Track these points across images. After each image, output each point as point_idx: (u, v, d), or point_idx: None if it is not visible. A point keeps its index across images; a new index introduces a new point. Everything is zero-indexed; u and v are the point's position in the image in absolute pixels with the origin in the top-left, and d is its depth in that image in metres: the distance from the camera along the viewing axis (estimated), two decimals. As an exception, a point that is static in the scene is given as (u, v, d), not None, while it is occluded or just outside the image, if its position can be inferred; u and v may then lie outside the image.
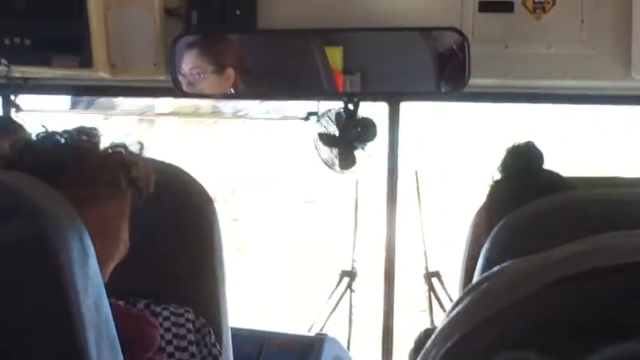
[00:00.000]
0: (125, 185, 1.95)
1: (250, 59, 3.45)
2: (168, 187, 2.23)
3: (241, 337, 2.99)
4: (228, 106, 4.32)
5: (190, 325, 2.31)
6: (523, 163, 2.38)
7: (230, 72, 3.35)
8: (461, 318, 0.82)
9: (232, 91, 3.45)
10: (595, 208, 1.69)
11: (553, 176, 2.32)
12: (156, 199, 2.07)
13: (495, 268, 0.86)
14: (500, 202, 2.33)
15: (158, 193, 2.06)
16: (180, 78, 3.30)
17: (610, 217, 1.25)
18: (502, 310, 0.78)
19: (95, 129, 2.00)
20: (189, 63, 3.35)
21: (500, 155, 2.42)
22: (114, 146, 1.99)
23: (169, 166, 2.38)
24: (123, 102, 3.92)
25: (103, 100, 3.92)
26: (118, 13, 3.35)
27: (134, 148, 2.02)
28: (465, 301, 0.82)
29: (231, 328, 2.55)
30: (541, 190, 2.16)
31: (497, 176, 2.37)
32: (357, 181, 3.79)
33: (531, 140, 2.47)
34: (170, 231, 2.35)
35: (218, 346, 2.39)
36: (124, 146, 2.00)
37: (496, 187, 2.36)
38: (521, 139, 2.46)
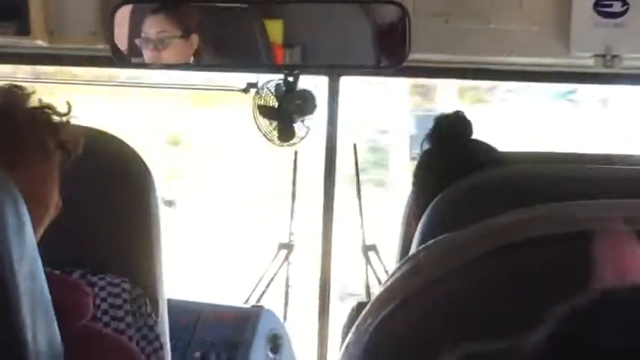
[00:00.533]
0: (53, 147, 1.93)
1: (196, 15, 3.44)
2: (102, 154, 2.23)
3: (177, 308, 2.99)
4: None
5: (127, 295, 2.28)
6: (451, 131, 2.39)
7: (194, 38, 3.34)
8: (396, 288, 0.84)
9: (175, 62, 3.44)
10: (530, 183, 1.70)
11: (482, 146, 2.35)
12: (90, 166, 2.06)
13: (430, 242, 0.87)
14: (429, 171, 2.37)
15: (92, 160, 2.04)
16: (137, 43, 3.27)
17: (545, 193, 1.25)
18: (434, 280, 0.80)
19: (22, 88, 1.99)
20: (155, 26, 3.33)
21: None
22: (41, 107, 1.97)
23: (102, 132, 2.36)
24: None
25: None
26: None
27: (61, 109, 1.99)
28: (400, 272, 0.83)
29: (168, 300, 2.52)
30: (469, 160, 2.22)
31: (426, 146, 2.39)
32: (296, 154, 3.77)
33: (460, 110, 2.49)
34: (106, 199, 2.33)
35: (154, 317, 2.36)
36: (51, 107, 1.98)
37: (424, 156, 2.38)
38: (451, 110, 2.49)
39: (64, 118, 1.97)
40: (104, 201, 2.31)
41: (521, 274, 0.79)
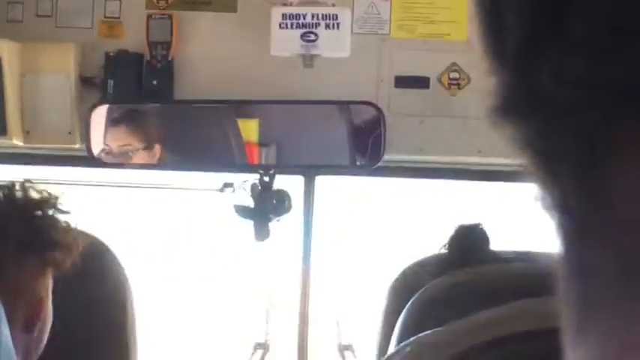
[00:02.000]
0: (47, 248, 1.92)
1: (171, 130, 3.44)
2: (83, 255, 2.12)
3: None
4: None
5: None
6: (468, 243, 2.41)
7: (157, 148, 3.34)
8: None
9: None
10: (510, 281, 1.66)
11: (500, 257, 2.36)
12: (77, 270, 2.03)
13: (412, 339, 0.86)
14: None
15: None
16: (102, 150, 3.27)
17: (525, 291, 1.25)
18: None
19: (27, 188, 1.98)
20: (118, 139, 3.33)
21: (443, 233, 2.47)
22: (40, 210, 1.95)
23: (84, 233, 2.27)
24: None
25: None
26: (33, 80, 3.32)
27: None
28: None
29: None
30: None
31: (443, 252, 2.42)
32: (272, 253, 3.66)
33: (480, 223, 2.52)
34: (82, 300, 2.29)
35: None
36: (52, 205, 1.97)
37: (440, 263, 2.37)
38: (469, 220, 2.52)
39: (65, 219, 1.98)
40: (78, 299, 2.25)
41: None
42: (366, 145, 3.24)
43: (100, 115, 3.26)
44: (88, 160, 3.27)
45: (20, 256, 1.88)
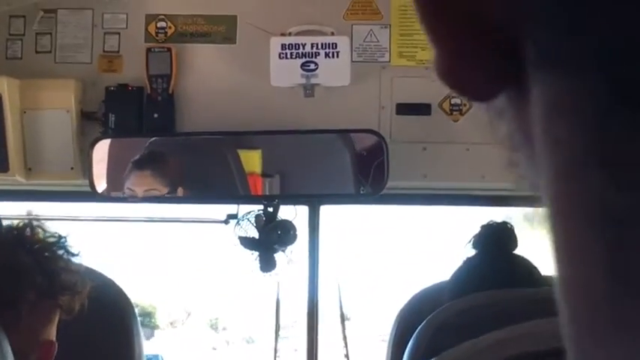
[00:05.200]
0: (58, 292, 1.93)
1: (179, 166, 3.48)
2: (90, 293, 2.15)
3: None
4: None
5: None
6: (497, 242, 2.41)
7: (180, 191, 3.39)
8: None
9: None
10: (521, 305, 1.69)
11: (525, 263, 2.35)
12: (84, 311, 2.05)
13: None
14: (467, 276, 2.38)
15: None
16: (126, 192, 3.28)
17: (536, 315, 1.25)
18: None
19: (35, 227, 1.99)
20: (142, 184, 3.35)
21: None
22: (47, 247, 1.95)
23: (91, 270, 2.32)
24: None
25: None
26: (34, 117, 3.34)
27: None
28: None
29: None
30: (511, 275, 2.26)
31: (470, 252, 2.40)
32: (278, 284, 3.73)
33: (508, 222, 2.52)
34: (90, 337, 2.32)
35: None
36: (62, 246, 1.98)
37: (468, 262, 2.39)
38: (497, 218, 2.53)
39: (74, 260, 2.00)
40: (85, 336, 2.27)
41: None
42: (369, 173, 3.24)
43: (102, 150, 3.27)
44: (91, 195, 3.27)
45: (36, 303, 1.89)
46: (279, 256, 3.35)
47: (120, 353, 2.43)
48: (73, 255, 2.01)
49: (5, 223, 2.05)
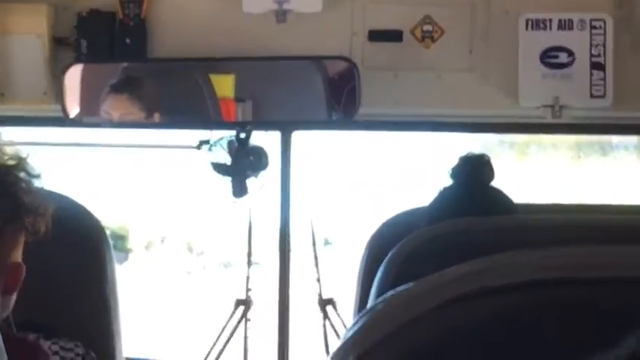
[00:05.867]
0: (12, 216, 1.90)
1: (155, 91, 3.48)
2: (59, 217, 2.11)
3: None
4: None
5: (80, 357, 2.23)
6: (475, 174, 2.41)
7: (157, 116, 3.40)
8: (354, 341, 0.84)
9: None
10: (489, 235, 1.74)
11: (501, 195, 2.37)
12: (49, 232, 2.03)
13: (389, 292, 0.87)
14: (443, 206, 2.38)
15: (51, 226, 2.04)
16: (102, 116, 3.31)
17: (505, 244, 1.27)
18: (394, 331, 0.80)
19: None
20: (119, 108, 3.37)
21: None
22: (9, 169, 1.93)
23: (59, 195, 2.31)
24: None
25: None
26: (6, 42, 3.36)
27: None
28: (358, 325, 0.84)
29: (126, 358, 2.51)
30: (488, 207, 2.26)
31: (447, 182, 2.40)
32: (250, 210, 3.76)
33: (485, 154, 2.50)
34: (61, 261, 2.29)
35: None
36: (22, 168, 1.94)
37: (444, 192, 2.39)
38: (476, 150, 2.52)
39: (35, 181, 1.96)
40: (59, 263, 2.29)
41: (475, 326, 0.80)
42: (341, 100, 3.28)
43: (75, 75, 3.29)
44: (64, 120, 3.30)
45: (1, 228, 1.87)
46: (251, 182, 3.38)
47: (91, 275, 2.39)
48: (35, 177, 1.97)
49: None
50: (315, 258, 3.77)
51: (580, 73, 3.18)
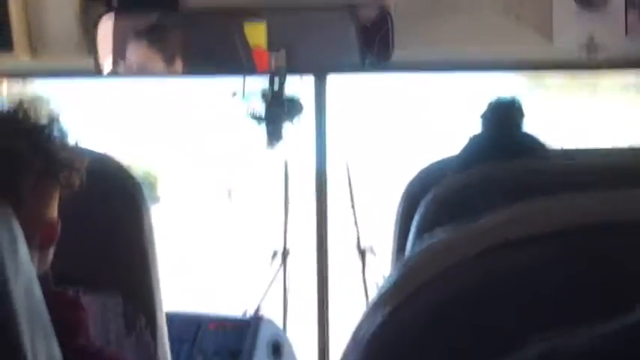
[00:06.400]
0: (49, 172, 1.95)
1: (179, 40, 3.47)
2: (94, 171, 2.18)
3: (176, 320, 3.11)
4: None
5: (120, 310, 2.36)
6: (505, 119, 2.42)
7: (178, 62, 3.38)
8: (390, 292, 0.84)
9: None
10: (525, 178, 1.75)
11: (532, 140, 2.38)
12: (84, 186, 2.09)
13: (424, 242, 0.87)
14: (473, 154, 2.40)
15: (86, 180, 2.08)
16: (122, 64, 3.32)
17: (540, 188, 1.27)
18: (429, 280, 0.81)
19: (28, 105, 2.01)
20: (138, 54, 3.36)
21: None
22: (42, 126, 1.98)
23: (95, 152, 2.36)
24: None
25: None
26: None
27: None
28: (394, 276, 0.85)
29: (166, 312, 2.58)
30: (517, 153, 2.28)
31: (478, 129, 2.42)
32: (286, 162, 3.87)
33: (516, 97, 2.51)
34: (98, 215, 2.38)
35: (150, 332, 2.43)
36: (57, 125, 2.00)
37: (474, 139, 2.41)
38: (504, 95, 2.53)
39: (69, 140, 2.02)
40: (96, 217, 2.35)
41: (511, 275, 0.80)
42: (374, 44, 3.27)
43: (106, 28, 3.28)
44: (97, 72, 3.30)
45: (37, 184, 1.91)
46: (286, 130, 3.40)
47: (128, 227, 2.46)
48: (67, 134, 2.02)
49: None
50: (352, 203, 3.79)
51: (615, 11, 3.16)
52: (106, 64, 3.30)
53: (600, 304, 0.63)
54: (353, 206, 3.99)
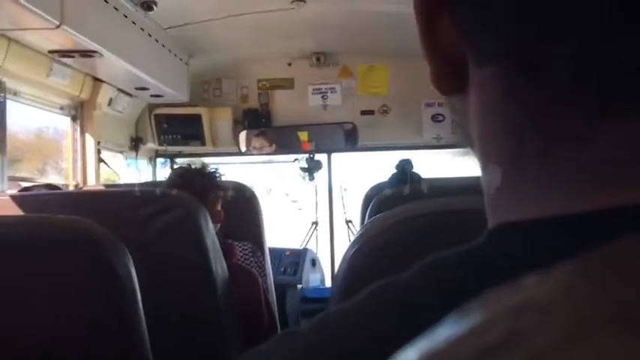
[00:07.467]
0: (219, 195, 2.66)
1: (273, 137, 5.09)
2: (234, 191, 2.93)
3: (271, 251, 3.65)
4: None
5: (251, 251, 2.97)
6: (404, 165, 3.06)
7: (274, 147, 4.96)
8: (361, 234, 1.09)
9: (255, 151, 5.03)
10: (417, 191, 2.09)
11: (415, 174, 3.06)
12: (230, 196, 2.78)
13: (377, 215, 1.20)
14: (393, 179, 3.05)
15: (230, 194, 2.76)
16: (251, 148, 4.76)
17: (423, 195, 1.84)
18: (379, 233, 1.06)
19: (206, 166, 2.69)
20: (257, 144, 4.95)
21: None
22: (211, 172, 2.66)
23: (232, 181, 3.07)
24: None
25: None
26: (215, 123, 5.06)
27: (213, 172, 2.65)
28: (361, 230, 1.12)
29: (268, 247, 3.28)
30: (409, 179, 2.94)
31: (395, 169, 3.07)
32: (316, 188, 5.46)
33: (409, 158, 3.15)
34: (238, 209, 2.98)
35: (262, 259, 3.08)
36: (217, 173, 2.65)
37: (393, 173, 3.10)
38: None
39: (223, 178, 2.69)
40: (236, 209, 2.94)
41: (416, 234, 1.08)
42: (351, 138, 4.98)
43: (243, 134, 5.14)
44: (240, 153, 5.10)
45: (211, 193, 2.60)
46: (315, 175, 5.13)
47: (248, 215, 3.21)
48: (221, 175, 2.68)
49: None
50: (343, 203, 5.32)
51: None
52: (243, 148, 5.07)
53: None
54: (344, 205, 5.25)
